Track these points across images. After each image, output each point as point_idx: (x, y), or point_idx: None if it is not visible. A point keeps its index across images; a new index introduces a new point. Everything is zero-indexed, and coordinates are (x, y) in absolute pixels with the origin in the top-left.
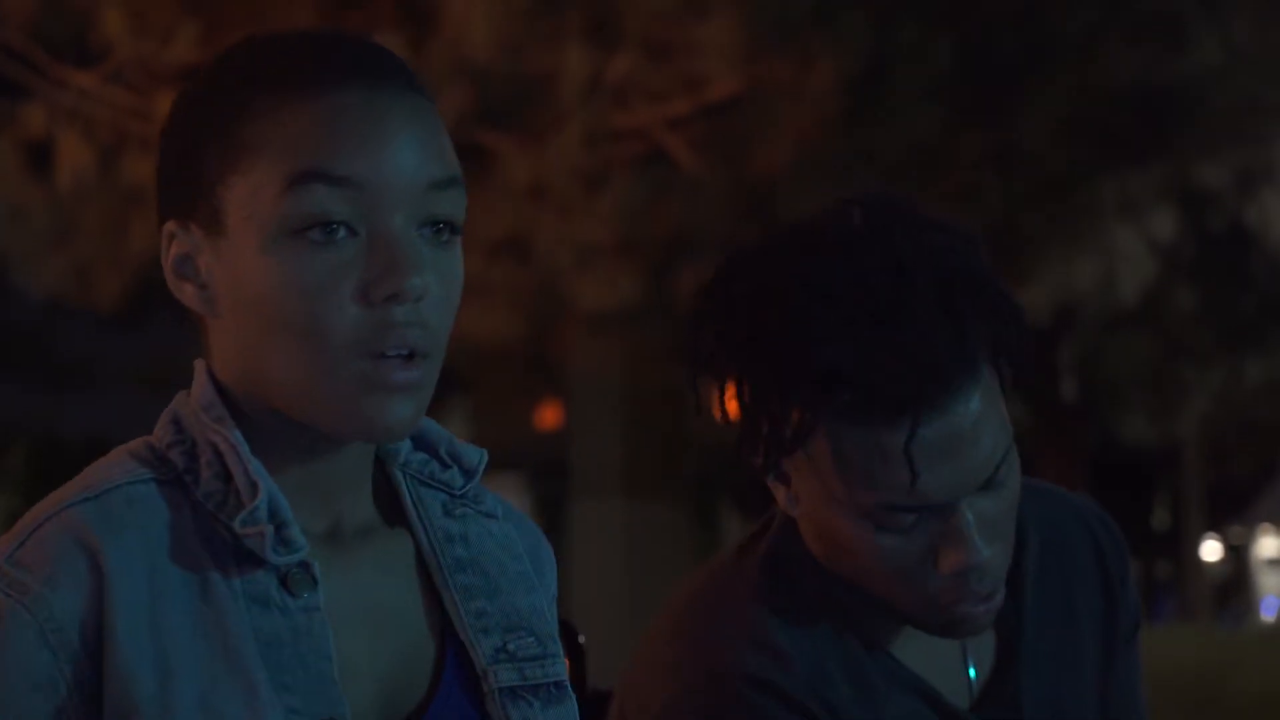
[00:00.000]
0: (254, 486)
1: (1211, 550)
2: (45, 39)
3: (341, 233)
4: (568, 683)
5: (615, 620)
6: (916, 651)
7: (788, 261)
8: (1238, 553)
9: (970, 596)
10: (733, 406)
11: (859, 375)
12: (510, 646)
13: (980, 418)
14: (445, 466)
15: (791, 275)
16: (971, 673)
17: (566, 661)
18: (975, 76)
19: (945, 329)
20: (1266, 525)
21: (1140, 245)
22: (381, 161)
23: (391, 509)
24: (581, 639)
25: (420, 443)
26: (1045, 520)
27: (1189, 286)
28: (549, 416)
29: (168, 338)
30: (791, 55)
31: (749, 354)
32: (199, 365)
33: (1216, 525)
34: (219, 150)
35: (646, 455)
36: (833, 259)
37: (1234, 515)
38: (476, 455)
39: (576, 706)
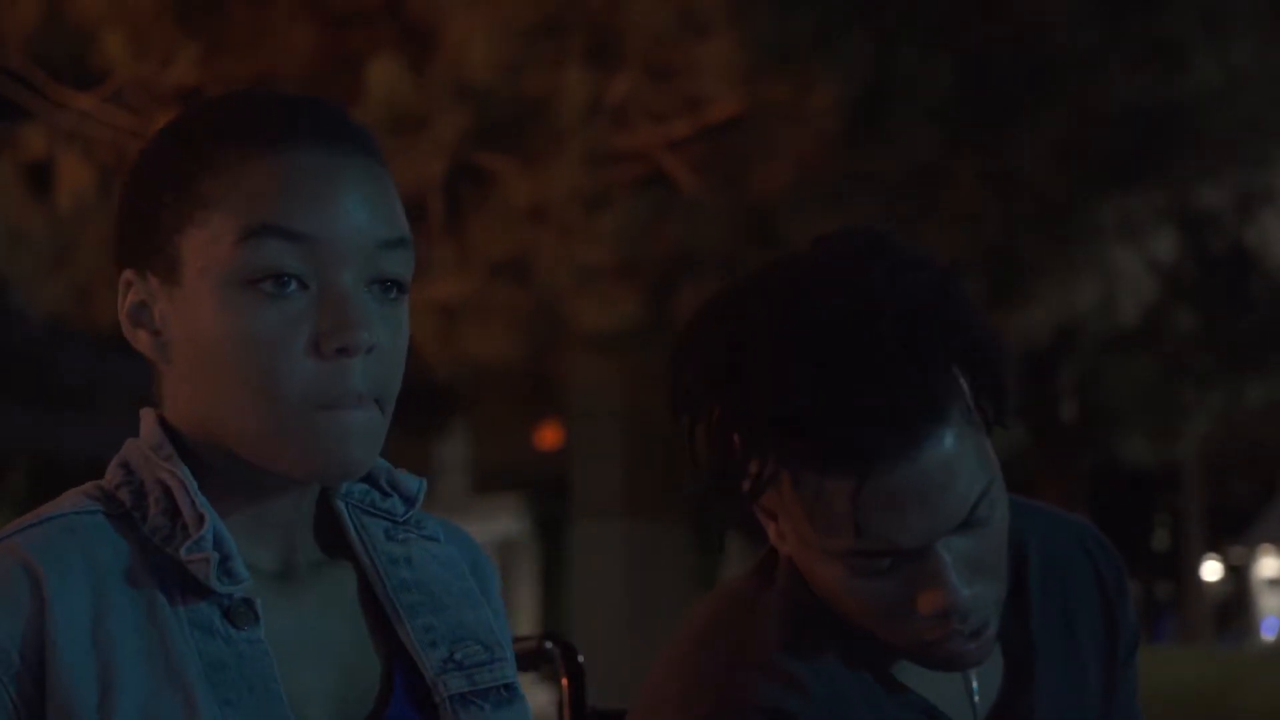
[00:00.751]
0: (200, 518)
1: (1212, 570)
2: (45, 60)
3: (293, 286)
4: (518, 685)
5: (615, 639)
6: (922, 676)
7: (760, 302)
8: (1238, 573)
9: (955, 636)
10: (707, 447)
11: (815, 425)
12: (458, 656)
13: (951, 461)
14: (386, 495)
15: (760, 317)
16: (975, 694)
17: (565, 681)
18: (975, 99)
19: (910, 376)
20: (1267, 545)
21: (1140, 267)
22: (334, 219)
23: (336, 539)
24: (581, 658)
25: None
26: (1044, 541)
27: (1189, 308)
28: (549, 436)
29: None
30: (791, 77)
31: (716, 398)
32: (145, 413)
33: (1217, 545)
34: (177, 201)
35: (647, 475)
36: (801, 300)
37: (1234, 536)
38: (416, 484)
39: (528, 709)
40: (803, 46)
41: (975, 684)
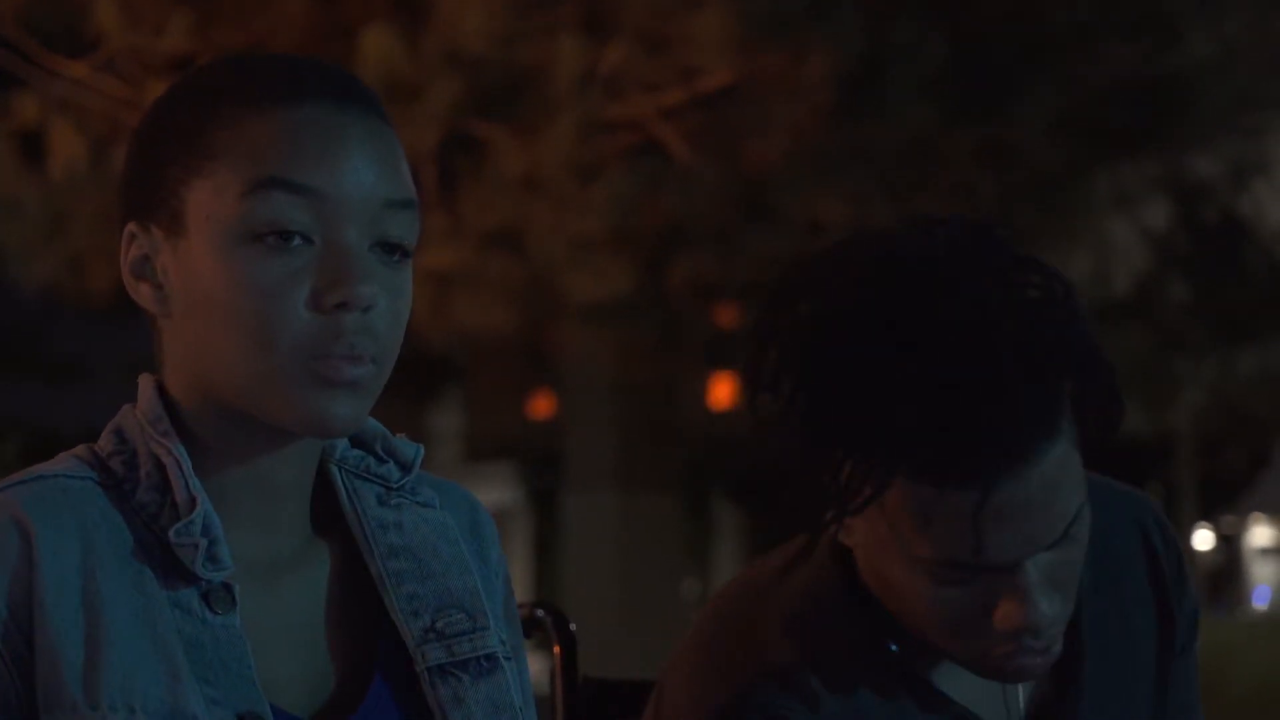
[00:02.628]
0: (192, 501)
1: (1204, 540)
2: (37, 29)
3: (297, 240)
4: (500, 655)
5: (608, 610)
6: (962, 680)
7: (864, 288)
8: (1230, 542)
9: (1026, 651)
10: (792, 438)
11: (936, 438)
12: (439, 625)
13: (1055, 479)
14: (381, 461)
15: (869, 309)
16: (1020, 700)
17: (557, 649)
18: (969, 71)
19: (1027, 394)
20: (1258, 515)
21: (1133, 237)
22: (341, 174)
23: (333, 507)
24: (573, 627)
25: (356, 440)
26: (1098, 528)
27: (1182, 278)
28: (542, 407)
29: None
30: (785, 48)
31: (820, 397)
32: (144, 380)
33: (1209, 515)
34: (184, 154)
35: (639, 446)
36: (915, 297)
37: (1226, 505)
38: (412, 450)
39: (510, 678)
40: (797, 18)
41: (1020, 689)
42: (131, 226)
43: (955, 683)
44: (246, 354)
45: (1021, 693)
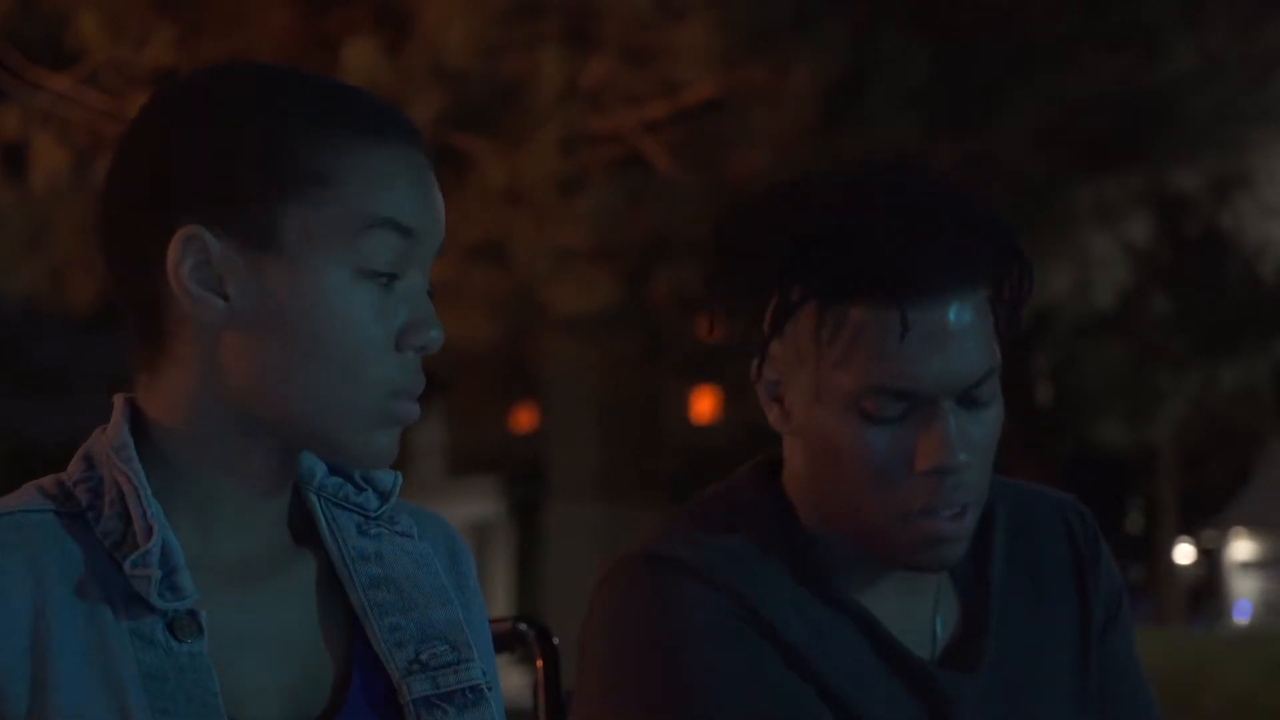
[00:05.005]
0: (149, 529)
1: (1185, 554)
2: (20, 41)
3: (391, 279)
4: (485, 686)
5: None
6: (884, 608)
7: (800, 183)
8: (1211, 556)
9: (943, 504)
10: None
11: (864, 247)
12: (423, 657)
13: (971, 324)
14: (360, 489)
15: (807, 186)
16: (939, 630)
17: (539, 664)
18: (953, 84)
19: (953, 233)
20: (1239, 529)
21: (1116, 251)
22: (431, 218)
23: (306, 532)
24: (555, 641)
25: (334, 467)
26: (1018, 507)
27: (1164, 292)
28: (524, 419)
29: None
30: (769, 60)
31: (759, 247)
32: (116, 401)
33: (1190, 529)
34: (280, 172)
35: (621, 458)
36: (850, 176)
37: (1207, 519)
38: (390, 479)
39: (495, 709)
40: (781, 31)
41: (939, 622)
42: (191, 229)
43: (877, 605)
44: (330, 385)
45: (940, 628)
